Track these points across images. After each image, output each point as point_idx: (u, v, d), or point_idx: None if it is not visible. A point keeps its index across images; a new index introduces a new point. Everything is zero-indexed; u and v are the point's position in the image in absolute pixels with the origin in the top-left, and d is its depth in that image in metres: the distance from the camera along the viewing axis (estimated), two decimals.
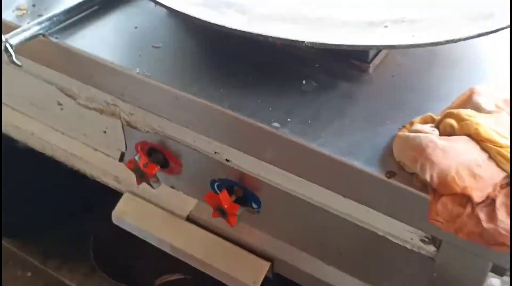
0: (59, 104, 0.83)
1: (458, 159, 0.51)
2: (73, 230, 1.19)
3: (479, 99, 0.56)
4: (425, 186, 0.53)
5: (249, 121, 0.61)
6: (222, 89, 0.64)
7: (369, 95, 0.64)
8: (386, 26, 0.61)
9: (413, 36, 0.58)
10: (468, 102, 0.56)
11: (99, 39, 0.71)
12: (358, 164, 0.56)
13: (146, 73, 0.66)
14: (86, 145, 0.86)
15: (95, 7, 0.74)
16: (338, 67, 0.66)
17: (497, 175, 0.51)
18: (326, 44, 0.56)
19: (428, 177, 0.52)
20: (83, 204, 1.23)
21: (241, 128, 0.62)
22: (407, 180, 0.55)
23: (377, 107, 0.62)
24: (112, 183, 0.85)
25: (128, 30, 0.73)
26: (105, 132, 0.81)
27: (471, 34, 0.56)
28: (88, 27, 0.73)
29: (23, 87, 0.86)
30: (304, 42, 0.56)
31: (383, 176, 0.55)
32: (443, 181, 0.51)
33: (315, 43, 0.56)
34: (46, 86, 0.81)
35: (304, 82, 0.65)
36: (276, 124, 0.60)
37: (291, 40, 0.56)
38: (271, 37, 0.56)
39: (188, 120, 0.67)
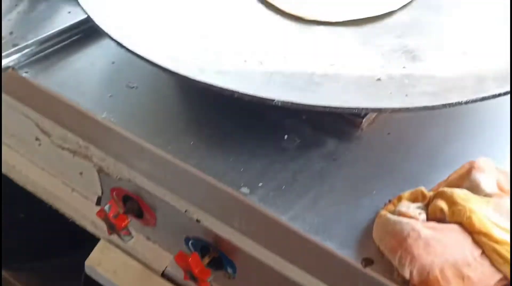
0: (37, 139, 0.77)
1: (444, 255, 0.42)
2: (70, 260, 1.13)
3: (479, 176, 0.46)
4: (406, 282, 0.44)
5: (215, 184, 0.53)
6: (192, 143, 0.57)
7: (358, 156, 0.55)
8: (379, 79, 0.52)
9: (406, 95, 0.49)
10: (466, 178, 0.47)
11: (71, 75, 0.65)
12: (330, 245, 0.48)
13: (112, 119, 0.60)
14: (64, 184, 0.79)
15: (74, 37, 0.68)
16: (327, 120, 0.58)
17: (491, 277, 0.42)
18: (298, 104, 0.47)
19: (407, 273, 0.43)
20: (81, 235, 1.15)
21: (208, 189, 0.54)
22: (386, 271, 0.46)
23: (364, 173, 0.54)
24: (90, 228, 0.79)
25: (104, 65, 0.66)
26: (81, 173, 0.74)
27: (474, 97, 0.47)
28: (62, 60, 0.66)
29: (4, 117, 0.81)
30: (274, 100, 0.48)
31: (358, 264, 0.47)
32: (425, 280, 0.42)
33: (286, 102, 0.47)
34: (24, 119, 0.75)
35: (286, 137, 0.57)
36: (245, 190, 0.52)
37: (259, 98, 0.48)
38: (237, 92, 0.48)
39: (154, 174, 0.59)
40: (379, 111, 0.49)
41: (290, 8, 0.64)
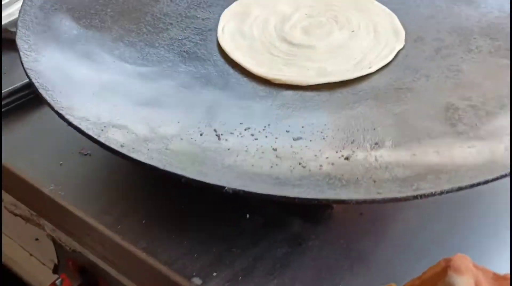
0: None
1: None
2: None
3: (456, 278, 0.41)
4: None
5: (165, 272, 0.48)
6: (144, 222, 0.52)
7: (326, 240, 0.50)
8: (346, 158, 0.47)
9: (374, 182, 0.44)
10: (442, 279, 0.42)
11: (19, 140, 0.60)
12: None
13: (60, 192, 0.55)
14: (22, 248, 0.74)
15: (23, 99, 0.63)
16: None
17: None
18: (251, 193, 0.42)
19: None
20: None
21: (158, 277, 0.49)
22: None
23: (331, 260, 0.48)
24: None
25: (56, 128, 0.60)
26: (37, 239, 0.69)
27: (449, 187, 0.42)
28: (10, 123, 0.61)
29: None
30: (224, 188, 0.42)
31: None
32: None
33: (239, 190, 0.42)
34: None
35: (247, 216, 0.52)
36: (197, 280, 0.47)
37: (208, 184, 0.43)
38: (184, 177, 0.43)
39: (104, 254, 0.54)
40: (342, 202, 0.44)
41: (257, 69, 0.59)
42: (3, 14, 0.73)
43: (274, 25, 0.64)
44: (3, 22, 0.71)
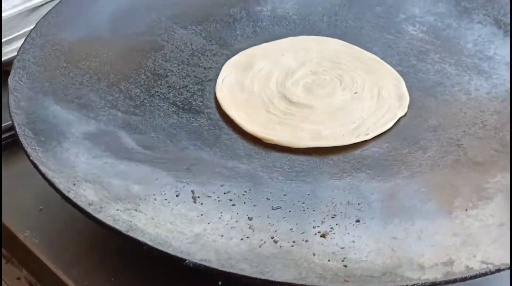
0: None
1: None
2: None
3: None
4: None
5: None
6: (113, 279, 0.50)
7: None
8: (323, 236, 0.45)
9: (345, 267, 0.41)
10: None
11: (4, 180, 0.59)
12: None
13: (34, 240, 0.53)
14: (5, 283, 0.73)
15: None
16: None
17: None
18: (212, 269, 0.40)
19: None
20: None
21: None
22: None
23: None
24: None
25: None
26: (18, 278, 0.68)
27: (428, 281, 0.39)
28: None
29: None
30: (185, 260, 0.40)
31: None
32: None
33: (199, 265, 0.40)
34: None
35: (220, 283, 0.49)
36: None
37: (169, 255, 0.41)
38: (146, 244, 0.41)
39: None
40: None
41: (250, 126, 0.57)
42: (16, 45, 0.72)
43: (276, 80, 0.62)
44: (14, 54, 0.71)
